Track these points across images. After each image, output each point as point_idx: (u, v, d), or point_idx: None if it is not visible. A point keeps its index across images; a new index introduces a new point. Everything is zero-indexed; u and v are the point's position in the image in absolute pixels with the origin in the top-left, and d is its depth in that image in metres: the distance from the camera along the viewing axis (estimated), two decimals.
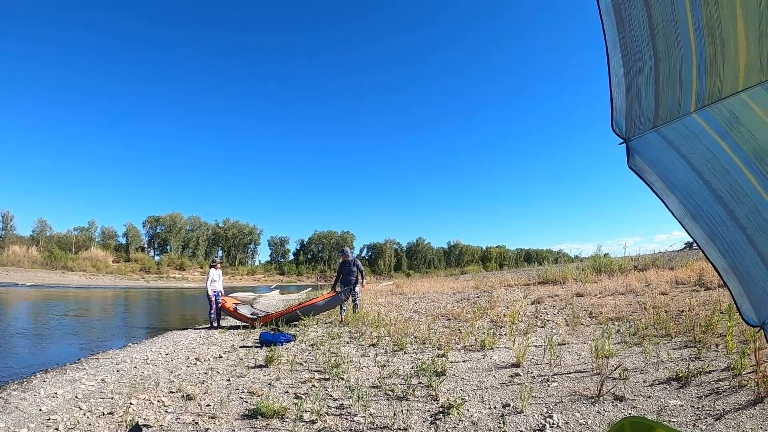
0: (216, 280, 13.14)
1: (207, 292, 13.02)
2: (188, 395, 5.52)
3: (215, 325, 12.95)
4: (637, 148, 1.81)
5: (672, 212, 1.87)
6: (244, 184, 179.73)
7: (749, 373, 4.86)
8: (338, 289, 12.47)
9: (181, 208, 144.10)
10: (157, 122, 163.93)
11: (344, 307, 12.33)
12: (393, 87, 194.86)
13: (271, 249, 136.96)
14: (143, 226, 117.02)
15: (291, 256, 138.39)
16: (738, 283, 1.99)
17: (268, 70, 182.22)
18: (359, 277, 12.59)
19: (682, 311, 8.37)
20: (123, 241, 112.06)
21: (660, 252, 18.33)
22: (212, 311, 12.99)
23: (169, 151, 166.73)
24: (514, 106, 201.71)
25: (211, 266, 13.61)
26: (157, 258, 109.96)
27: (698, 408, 4.35)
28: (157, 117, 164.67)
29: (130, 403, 5.25)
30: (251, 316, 12.54)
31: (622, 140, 1.78)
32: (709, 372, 5.20)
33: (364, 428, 4.39)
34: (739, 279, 1.99)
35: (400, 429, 4.32)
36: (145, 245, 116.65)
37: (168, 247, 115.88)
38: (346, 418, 4.64)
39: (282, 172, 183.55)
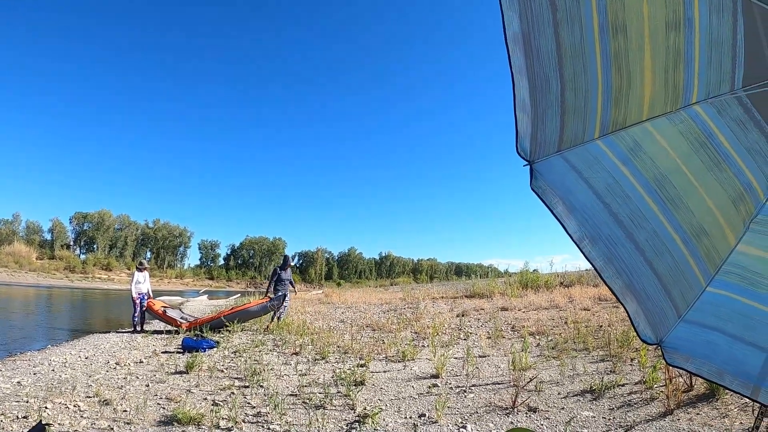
0: (141, 282, 12.69)
1: (131, 294, 12.59)
2: (105, 400, 5.38)
3: (138, 329, 12.47)
4: (541, 171, 1.87)
5: (570, 235, 1.92)
6: (176, 183, 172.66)
7: (661, 386, 5.12)
8: (272, 296, 12.29)
9: (110, 205, 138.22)
10: (91, 114, 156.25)
11: (278, 314, 12.16)
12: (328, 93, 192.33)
13: (201, 253, 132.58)
14: (70, 222, 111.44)
15: (221, 261, 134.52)
16: (635, 302, 2.08)
17: (202, 67, 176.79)
18: (290, 286, 12.60)
19: (602, 326, 8.72)
20: (48, 237, 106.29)
21: (586, 269, 18.90)
22: (136, 314, 12.53)
23: (99, 144, 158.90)
24: (447, 119, 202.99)
25: (137, 268, 13.16)
26: (83, 257, 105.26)
27: (609, 419, 4.54)
28: (89, 110, 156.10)
29: (46, 407, 5.07)
30: (181, 320, 12.18)
31: (527, 162, 1.84)
32: (623, 385, 5.44)
33: None
34: (637, 299, 2.07)
35: None
36: (71, 243, 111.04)
37: (95, 246, 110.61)
38: (263, 426, 4.60)
39: (215, 173, 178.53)
